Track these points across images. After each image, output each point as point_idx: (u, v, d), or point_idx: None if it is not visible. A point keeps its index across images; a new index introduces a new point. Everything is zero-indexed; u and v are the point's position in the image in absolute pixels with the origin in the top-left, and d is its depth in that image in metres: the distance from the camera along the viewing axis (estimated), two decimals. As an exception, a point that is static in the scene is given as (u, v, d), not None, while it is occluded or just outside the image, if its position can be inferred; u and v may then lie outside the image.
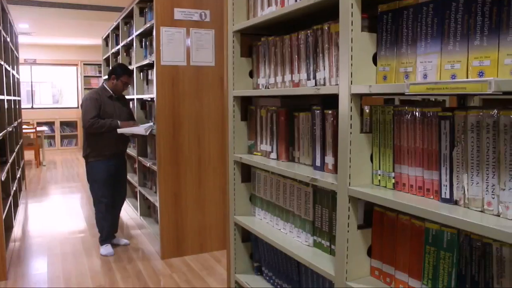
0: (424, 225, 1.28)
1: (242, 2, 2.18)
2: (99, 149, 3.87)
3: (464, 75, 1.15)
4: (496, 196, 1.10)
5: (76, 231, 4.76)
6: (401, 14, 1.34)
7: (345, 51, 1.41)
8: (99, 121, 3.77)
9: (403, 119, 1.35)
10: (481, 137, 1.13)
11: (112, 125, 3.81)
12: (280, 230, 1.98)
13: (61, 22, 8.24)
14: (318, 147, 1.71)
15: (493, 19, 1.08)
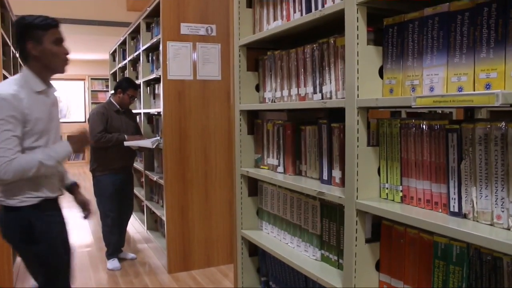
0: (433, 239, 1.26)
1: (248, 17, 2.20)
2: (106, 163, 3.89)
3: (471, 88, 1.15)
4: (505, 209, 1.08)
5: (82, 245, 4.76)
6: (406, 27, 1.34)
7: (351, 65, 1.42)
8: (106, 136, 3.79)
9: (410, 132, 1.35)
10: (489, 150, 1.12)
11: (119, 139, 3.82)
12: (288, 244, 1.96)
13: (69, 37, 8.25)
14: (325, 160, 1.71)
15: (499, 31, 1.09)
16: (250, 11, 2.20)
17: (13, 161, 1.81)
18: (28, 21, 1.91)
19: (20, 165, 1.83)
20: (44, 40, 1.92)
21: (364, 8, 1.41)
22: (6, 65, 4.06)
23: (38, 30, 1.91)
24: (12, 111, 1.80)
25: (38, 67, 1.96)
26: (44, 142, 1.98)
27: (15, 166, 1.81)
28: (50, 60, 1.96)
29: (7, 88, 1.85)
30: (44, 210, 2.00)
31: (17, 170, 1.82)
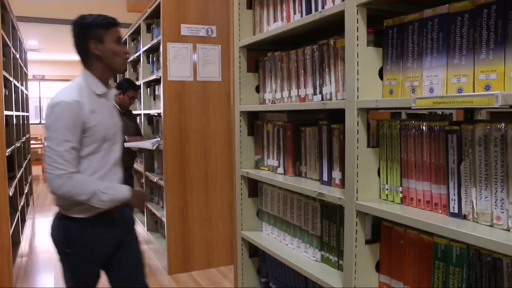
0: (432, 240, 1.26)
1: (248, 18, 2.20)
2: (106, 164, 3.88)
3: (471, 89, 1.15)
4: (505, 210, 1.09)
5: (83, 246, 4.75)
6: (406, 29, 1.34)
7: (351, 66, 1.42)
8: None
9: (410, 133, 1.35)
10: (488, 151, 1.12)
11: None
12: (288, 245, 1.96)
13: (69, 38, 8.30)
14: (325, 161, 1.71)
15: (498, 32, 1.09)
16: (250, 12, 2.21)
17: (71, 178, 1.72)
18: (90, 20, 1.87)
19: (74, 186, 1.73)
20: (106, 39, 1.86)
21: (364, 9, 1.41)
22: (6, 66, 4.07)
23: (100, 29, 1.86)
24: (73, 119, 1.73)
25: (100, 67, 1.89)
26: (106, 149, 1.88)
27: (69, 184, 1.72)
28: (112, 60, 1.89)
29: (69, 94, 1.78)
30: (94, 224, 1.87)
31: (70, 189, 1.73)
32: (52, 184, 1.72)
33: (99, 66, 1.88)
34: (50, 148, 1.73)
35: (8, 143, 3.73)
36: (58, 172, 1.71)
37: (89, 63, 1.89)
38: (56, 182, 1.72)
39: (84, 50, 1.87)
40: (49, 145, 1.73)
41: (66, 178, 1.72)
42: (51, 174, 1.72)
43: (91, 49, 1.85)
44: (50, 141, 1.73)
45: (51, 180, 1.72)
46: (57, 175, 1.71)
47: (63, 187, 1.72)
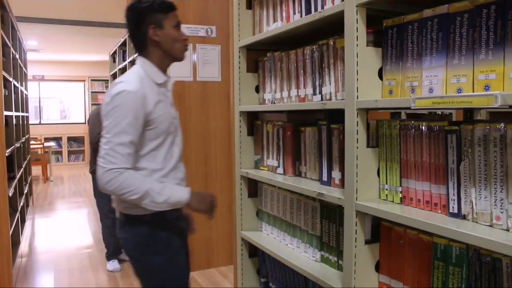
0: (432, 240, 1.27)
1: (247, 18, 2.20)
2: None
3: (470, 89, 1.15)
4: (504, 210, 1.09)
5: (82, 247, 4.75)
6: (405, 29, 1.35)
7: (351, 66, 1.42)
8: None
9: (409, 133, 1.35)
10: (488, 151, 1.13)
11: None
12: (287, 245, 1.96)
13: (69, 38, 8.36)
14: (325, 161, 1.71)
15: (498, 32, 1.09)
16: (250, 13, 2.21)
17: (122, 174, 1.56)
18: (148, 4, 1.70)
19: (125, 183, 1.56)
20: (165, 24, 1.71)
21: (364, 9, 1.41)
22: (6, 66, 4.06)
23: (159, 13, 1.71)
24: (136, 110, 1.59)
25: (159, 55, 1.73)
26: (169, 143, 1.77)
27: (119, 181, 1.56)
28: (172, 46, 1.74)
29: (132, 83, 1.62)
30: (169, 218, 1.74)
31: (120, 186, 1.56)
32: (102, 179, 1.56)
33: (158, 54, 1.73)
34: (106, 139, 1.57)
35: (7, 143, 3.73)
36: (109, 166, 1.55)
37: (146, 51, 1.74)
38: (105, 177, 1.56)
39: (142, 37, 1.72)
40: (105, 136, 1.58)
41: (117, 174, 1.55)
42: (102, 167, 1.56)
43: (150, 35, 1.70)
44: (107, 132, 1.58)
45: (100, 174, 1.57)
46: (107, 169, 1.55)
47: (113, 183, 1.56)
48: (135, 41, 1.76)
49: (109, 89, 1.66)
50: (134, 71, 1.71)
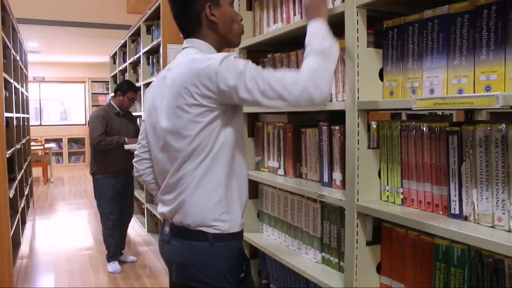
0: (433, 241, 1.26)
1: (248, 19, 2.20)
2: (106, 166, 3.88)
3: (471, 90, 1.15)
4: (506, 211, 1.08)
5: (83, 248, 4.75)
6: (406, 30, 1.34)
7: (351, 67, 1.42)
8: (106, 138, 3.79)
9: (410, 134, 1.35)
10: (489, 152, 1.12)
11: (120, 142, 3.82)
12: (288, 247, 1.96)
13: (69, 40, 8.36)
14: (326, 163, 1.71)
15: (499, 33, 1.09)
16: (250, 14, 2.21)
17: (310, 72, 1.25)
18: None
19: (322, 69, 1.26)
20: (221, 1, 1.44)
21: (364, 10, 1.41)
22: (7, 68, 4.06)
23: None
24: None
25: (214, 39, 1.47)
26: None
27: (317, 73, 1.25)
28: (230, 28, 1.47)
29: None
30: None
31: (322, 76, 1.26)
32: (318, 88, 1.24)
33: (213, 38, 1.46)
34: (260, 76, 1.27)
35: (8, 145, 3.73)
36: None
37: (199, 35, 1.46)
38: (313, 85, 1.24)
39: (195, 17, 1.43)
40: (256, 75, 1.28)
41: (311, 77, 1.25)
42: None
43: (207, 15, 1.42)
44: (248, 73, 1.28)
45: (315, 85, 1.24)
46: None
47: (321, 82, 1.25)
48: (185, 22, 1.47)
49: (188, 64, 1.34)
50: (193, 52, 1.41)
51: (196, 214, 1.38)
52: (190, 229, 1.40)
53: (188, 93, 1.31)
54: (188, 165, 1.37)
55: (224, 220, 1.39)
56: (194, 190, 1.38)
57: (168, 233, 1.47)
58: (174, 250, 1.44)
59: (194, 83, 1.30)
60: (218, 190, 1.38)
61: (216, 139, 1.35)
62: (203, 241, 1.38)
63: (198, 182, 1.37)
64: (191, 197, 1.38)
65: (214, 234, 1.38)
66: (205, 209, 1.38)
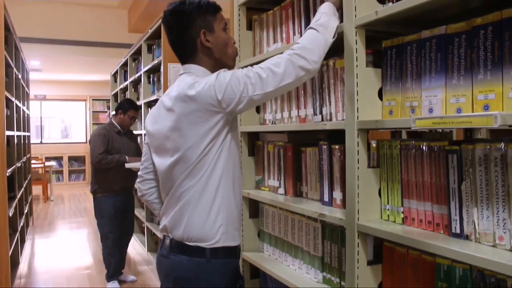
0: (435, 261, 1.25)
1: (248, 39, 2.22)
2: (107, 185, 3.88)
3: (470, 109, 1.15)
4: (507, 230, 1.08)
5: (82, 267, 4.71)
6: (404, 49, 1.36)
7: (351, 86, 1.43)
8: (107, 157, 3.79)
9: (410, 153, 1.35)
10: (489, 171, 1.12)
11: (120, 161, 3.82)
12: (289, 266, 1.95)
13: (71, 58, 8.43)
14: (326, 182, 1.71)
15: (495, 53, 1.10)
16: (250, 34, 2.23)
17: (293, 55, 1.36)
18: (195, 6, 1.48)
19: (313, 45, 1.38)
20: (215, 27, 1.50)
21: (363, 30, 1.43)
22: (9, 86, 4.09)
23: (208, 15, 1.49)
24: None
25: (209, 63, 1.51)
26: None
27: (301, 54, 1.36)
28: (224, 52, 1.52)
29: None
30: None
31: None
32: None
33: (209, 62, 1.51)
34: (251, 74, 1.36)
35: (9, 163, 3.73)
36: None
37: (196, 59, 1.51)
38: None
39: (190, 44, 1.49)
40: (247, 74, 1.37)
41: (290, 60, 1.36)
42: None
43: (202, 41, 1.48)
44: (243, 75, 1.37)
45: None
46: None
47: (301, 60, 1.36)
48: (181, 48, 1.53)
49: (181, 93, 1.41)
50: (189, 78, 1.45)
51: (195, 229, 1.44)
52: (189, 244, 1.45)
53: (191, 115, 1.39)
54: (189, 181, 1.44)
55: (221, 234, 1.45)
56: (194, 206, 1.44)
57: (168, 248, 1.52)
58: (173, 264, 1.49)
59: (195, 106, 1.38)
60: (215, 205, 1.44)
61: (215, 155, 1.42)
62: (200, 257, 1.44)
63: (198, 197, 1.43)
64: (191, 212, 1.44)
65: (212, 249, 1.43)
66: (203, 224, 1.44)
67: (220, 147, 1.42)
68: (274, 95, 1.39)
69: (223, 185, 1.44)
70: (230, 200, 1.47)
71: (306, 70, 1.36)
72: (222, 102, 1.36)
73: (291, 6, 1.89)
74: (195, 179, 1.43)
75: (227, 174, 1.45)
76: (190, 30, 1.48)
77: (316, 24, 1.42)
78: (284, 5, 1.94)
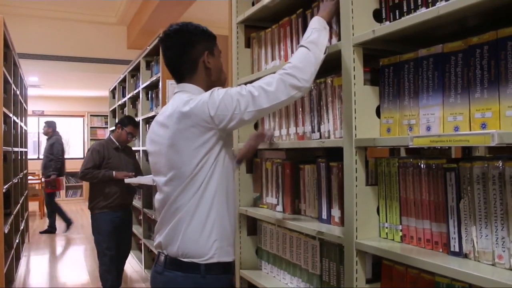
0: (434, 279, 1.24)
1: (246, 57, 2.24)
2: (104, 201, 3.86)
3: (467, 127, 1.16)
4: (506, 249, 1.08)
5: (79, 285, 4.66)
6: (402, 68, 1.37)
7: (349, 104, 1.44)
8: (92, 172, 3.77)
9: (408, 171, 1.35)
10: (487, 189, 1.12)
11: (106, 176, 3.79)
12: (287, 284, 1.93)
13: (69, 74, 8.46)
14: (324, 199, 1.70)
15: (492, 72, 1.11)
16: (249, 51, 2.24)
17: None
18: (200, 29, 1.58)
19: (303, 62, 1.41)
20: (215, 52, 1.61)
21: (360, 49, 1.44)
22: (7, 102, 4.10)
23: (211, 40, 1.60)
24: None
25: (205, 83, 1.58)
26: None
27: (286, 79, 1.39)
28: (219, 76, 1.63)
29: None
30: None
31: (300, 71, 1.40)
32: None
33: (205, 82, 1.58)
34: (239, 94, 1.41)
35: (5, 179, 3.71)
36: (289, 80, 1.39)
37: (193, 78, 1.58)
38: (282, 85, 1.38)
39: (192, 62, 1.56)
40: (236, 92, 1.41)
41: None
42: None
43: (204, 62, 1.56)
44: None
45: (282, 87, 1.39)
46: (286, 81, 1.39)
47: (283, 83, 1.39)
48: (179, 67, 1.58)
49: (177, 110, 1.45)
50: (185, 95, 1.50)
51: (189, 245, 1.45)
52: (183, 260, 1.46)
53: (185, 131, 1.43)
54: (182, 197, 1.46)
55: (215, 249, 1.46)
56: (188, 221, 1.46)
57: (162, 264, 1.52)
58: (168, 281, 1.50)
59: (189, 122, 1.43)
60: (209, 221, 1.46)
61: (208, 171, 1.46)
62: (195, 273, 1.45)
63: (192, 213, 1.45)
64: (185, 228, 1.46)
65: (206, 265, 1.45)
66: (197, 239, 1.45)
67: (213, 163, 1.46)
68: (266, 112, 1.45)
69: (217, 201, 1.47)
70: (224, 216, 1.50)
71: (297, 88, 1.39)
72: (215, 118, 1.41)
73: (289, 24, 1.90)
74: (189, 194, 1.45)
75: (221, 190, 1.49)
76: (194, 49, 1.55)
77: (307, 41, 1.45)
78: (282, 23, 1.96)
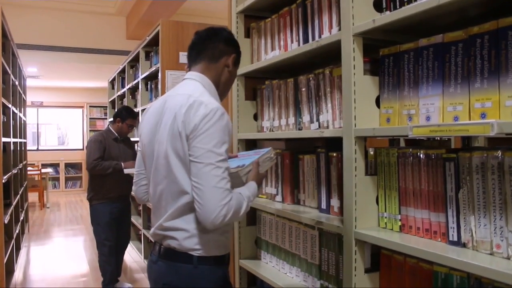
0: (432, 268, 1.25)
1: (246, 47, 2.23)
2: (103, 192, 3.86)
3: (467, 117, 1.16)
4: (504, 238, 1.08)
5: (78, 275, 4.68)
6: (402, 58, 1.36)
7: (348, 94, 1.43)
8: (102, 163, 3.78)
9: (407, 161, 1.35)
10: (486, 179, 1.13)
11: (116, 168, 3.81)
12: (286, 274, 1.94)
13: (68, 65, 8.43)
14: (324, 189, 1.71)
15: (492, 62, 1.11)
16: (248, 41, 2.24)
17: (231, 202, 1.34)
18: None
19: (236, 205, 1.37)
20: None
21: (360, 39, 1.44)
22: (5, 93, 4.09)
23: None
24: (227, 131, 1.41)
25: (216, 79, 1.58)
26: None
27: (232, 207, 1.35)
28: (228, 84, 1.63)
29: (213, 100, 1.45)
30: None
31: (235, 211, 1.35)
32: (222, 214, 1.32)
33: (215, 79, 1.57)
34: (215, 165, 1.34)
35: (5, 169, 3.72)
36: (227, 198, 1.34)
37: (210, 67, 1.56)
38: (221, 214, 1.32)
39: (219, 52, 1.56)
40: (213, 161, 1.35)
41: (228, 204, 1.34)
42: (220, 199, 1.33)
43: (227, 61, 1.57)
44: (214, 155, 1.35)
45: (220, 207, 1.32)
46: (226, 202, 1.33)
47: (229, 215, 1.34)
48: (208, 49, 1.57)
49: (193, 106, 1.41)
50: (199, 87, 1.51)
51: (183, 237, 1.44)
52: (177, 251, 1.45)
53: (184, 122, 1.40)
54: (179, 188, 1.43)
55: (210, 242, 1.45)
56: (182, 213, 1.44)
57: (157, 254, 1.52)
58: (160, 271, 1.50)
59: (186, 119, 1.40)
60: None
61: None
62: (188, 263, 1.44)
63: (187, 205, 1.42)
64: (179, 220, 1.44)
65: (199, 257, 1.44)
66: (192, 232, 1.44)
67: None
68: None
69: None
70: None
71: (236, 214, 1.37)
72: (187, 138, 1.38)
73: (289, 14, 1.90)
74: (185, 186, 1.42)
75: None
76: (227, 45, 1.57)
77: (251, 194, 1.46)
78: (282, 13, 1.95)
